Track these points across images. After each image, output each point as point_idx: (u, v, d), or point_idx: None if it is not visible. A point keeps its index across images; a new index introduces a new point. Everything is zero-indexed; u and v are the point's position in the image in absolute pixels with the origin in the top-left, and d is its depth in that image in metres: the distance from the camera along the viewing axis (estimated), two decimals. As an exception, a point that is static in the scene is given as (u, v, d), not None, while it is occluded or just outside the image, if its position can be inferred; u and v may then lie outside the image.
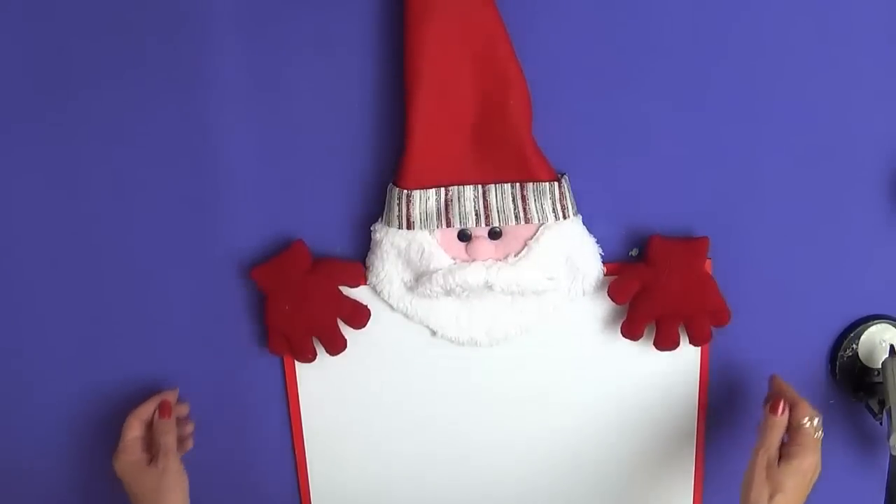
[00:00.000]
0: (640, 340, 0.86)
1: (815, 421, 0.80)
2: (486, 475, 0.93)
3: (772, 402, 0.81)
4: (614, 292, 0.83)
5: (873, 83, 0.81)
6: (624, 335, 0.85)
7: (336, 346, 0.85)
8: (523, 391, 0.90)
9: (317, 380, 0.89)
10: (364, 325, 0.85)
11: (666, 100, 0.80)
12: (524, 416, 0.91)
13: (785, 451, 0.80)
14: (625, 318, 0.85)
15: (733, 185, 0.83)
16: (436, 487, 0.94)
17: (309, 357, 0.85)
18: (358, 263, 0.84)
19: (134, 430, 0.83)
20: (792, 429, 0.80)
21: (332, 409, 0.91)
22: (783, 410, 0.80)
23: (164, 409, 0.84)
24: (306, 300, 0.83)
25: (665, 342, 0.85)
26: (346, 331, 0.86)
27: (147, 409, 0.85)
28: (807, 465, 0.78)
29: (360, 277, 0.84)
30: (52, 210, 0.84)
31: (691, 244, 0.83)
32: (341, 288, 0.84)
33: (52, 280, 0.87)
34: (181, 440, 0.86)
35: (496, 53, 0.75)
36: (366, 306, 0.85)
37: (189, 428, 0.89)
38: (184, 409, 0.89)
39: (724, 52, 0.79)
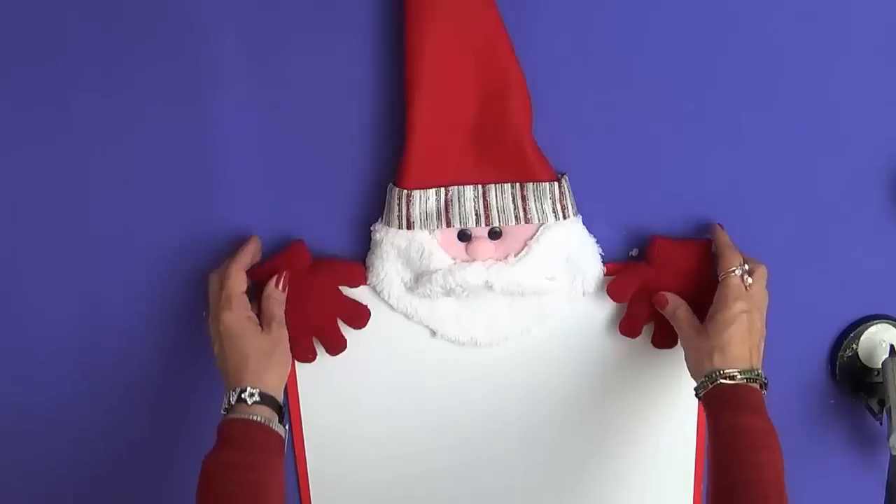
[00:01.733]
0: (639, 341, 0.87)
1: (742, 270, 0.77)
2: (486, 474, 0.93)
3: (654, 299, 0.82)
4: (613, 291, 0.83)
5: (873, 83, 0.80)
6: (622, 332, 0.85)
7: (336, 346, 0.85)
8: (523, 391, 0.90)
9: (317, 380, 0.89)
10: (364, 326, 0.85)
11: (666, 100, 0.80)
12: (524, 416, 0.91)
13: (711, 309, 0.78)
14: (623, 315, 0.85)
15: (733, 184, 0.83)
16: (436, 487, 0.94)
17: (309, 357, 0.85)
18: (358, 264, 0.84)
19: (241, 285, 0.77)
20: (719, 285, 0.78)
21: (331, 409, 0.91)
22: (667, 299, 0.81)
23: (281, 281, 0.79)
24: (306, 300, 0.83)
25: (662, 341, 0.85)
26: (346, 331, 0.86)
27: (245, 259, 0.79)
28: (735, 312, 0.75)
29: (361, 277, 0.84)
30: (51, 210, 0.84)
31: (694, 246, 0.83)
32: (341, 288, 0.84)
33: (50, 280, 0.87)
34: None
35: (496, 53, 0.75)
36: (365, 306, 0.85)
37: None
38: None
39: (724, 53, 0.79)
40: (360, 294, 0.85)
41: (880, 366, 0.87)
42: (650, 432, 0.92)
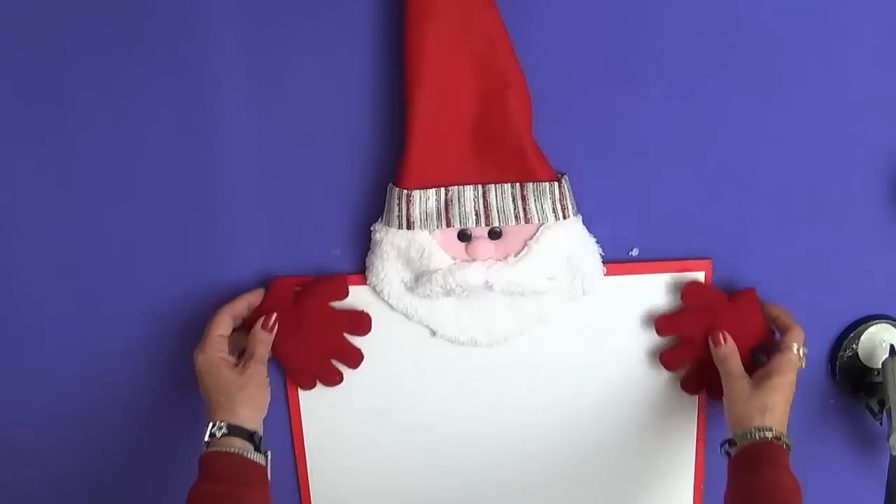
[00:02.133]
0: (639, 341, 0.87)
1: (804, 349, 0.82)
2: (487, 474, 0.93)
3: (711, 335, 0.84)
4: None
5: (873, 84, 0.81)
6: (663, 363, 0.87)
7: (353, 359, 0.87)
8: (523, 391, 0.90)
9: (317, 380, 0.89)
10: (369, 330, 0.86)
11: (666, 100, 0.80)
12: (524, 416, 0.91)
13: (766, 371, 0.81)
14: (668, 348, 0.87)
15: (733, 184, 0.83)
16: (436, 486, 0.94)
17: (336, 380, 0.87)
18: (341, 275, 0.85)
19: (223, 328, 0.81)
20: (778, 350, 0.82)
21: (331, 409, 0.91)
22: (725, 340, 0.83)
23: (267, 322, 0.82)
24: (306, 329, 0.84)
25: (692, 386, 0.88)
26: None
27: (238, 307, 0.83)
28: (787, 381, 0.80)
29: (344, 289, 0.84)
30: (49, 209, 0.84)
31: (745, 297, 0.85)
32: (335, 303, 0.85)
33: (48, 287, 0.87)
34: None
35: (496, 53, 0.75)
36: (364, 312, 0.85)
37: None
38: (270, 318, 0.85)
39: (724, 53, 0.79)
40: (360, 295, 0.85)
41: (880, 366, 0.87)
42: (651, 432, 0.92)
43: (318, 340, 0.85)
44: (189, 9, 0.78)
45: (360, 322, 0.85)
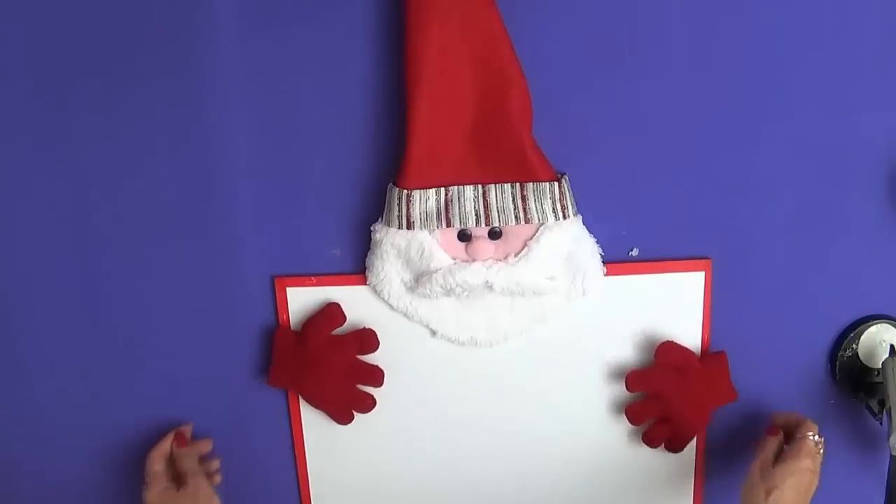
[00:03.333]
0: (639, 341, 0.87)
1: (819, 437, 0.83)
2: (486, 474, 0.93)
3: (771, 425, 0.86)
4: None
5: (873, 84, 0.81)
6: (628, 418, 0.89)
7: (375, 378, 0.88)
8: (523, 391, 0.90)
9: (317, 380, 0.89)
10: (377, 345, 0.86)
11: (666, 100, 0.80)
12: (524, 416, 0.91)
13: (783, 456, 0.82)
14: (634, 404, 0.88)
15: (733, 184, 0.83)
16: (436, 486, 0.94)
17: (369, 403, 0.88)
18: (333, 304, 0.86)
19: (157, 464, 0.86)
20: (794, 439, 0.83)
21: (332, 409, 0.91)
22: (780, 432, 0.85)
23: (178, 439, 0.87)
24: (317, 364, 0.86)
25: (653, 440, 0.89)
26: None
27: (165, 444, 0.87)
28: (803, 466, 0.81)
29: (340, 315, 0.86)
30: (50, 210, 0.84)
31: (712, 361, 0.87)
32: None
33: (48, 276, 0.87)
34: (208, 475, 0.88)
35: (496, 53, 0.75)
36: (367, 328, 0.86)
37: (214, 464, 0.91)
38: (206, 446, 0.90)
39: (724, 53, 0.79)
40: (359, 295, 0.85)
41: (880, 366, 0.87)
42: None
43: (333, 371, 0.86)
44: (189, 10, 0.78)
45: (367, 340, 0.86)
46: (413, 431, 0.91)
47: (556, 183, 0.79)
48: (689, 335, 0.87)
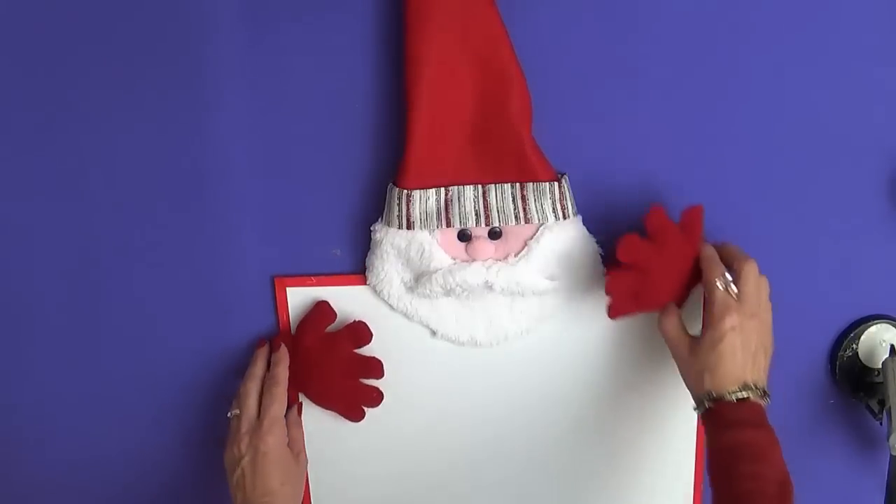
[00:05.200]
0: (639, 341, 0.87)
1: (725, 281, 0.75)
2: (487, 474, 0.93)
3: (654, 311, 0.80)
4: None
5: (873, 83, 0.81)
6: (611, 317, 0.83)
7: (374, 370, 0.86)
8: (523, 391, 0.90)
9: (317, 380, 0.89)
10: (370, 337, 0.85)
11: (666, 100, 0.80)
12: (524, 416, 0.91)
13: (703, 327, 0.76)
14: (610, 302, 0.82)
15: (733, 184, 0.83)
16: (436, 486, 0.94)
17: (375, 396, 0.87)
18: (322, 302, 0.85)
19: (283, 408, 0.80)
20: (706, 302, 0.76)
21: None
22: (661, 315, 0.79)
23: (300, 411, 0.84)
24: (318, 365, 0.85)
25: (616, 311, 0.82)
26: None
27: (282, 381, 0.82)
28: (724, 330, 0.73)
29: (330, 312, 0.85)
30: (50, 210, 0.84)
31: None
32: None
33: (49, 276, 0.87)
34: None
35: (496, 53, 0.75)
36: (358, 321, 0.86)
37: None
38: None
39: (724, 52, 0.79)
40: (360, 295, 0.85)
41: (880, 366, 0.87)
42: (650, 433, 0.92)
43: (332, 368, 0.86)
44: (189, 10, 0.78)
45: (360, 333, 0.86)
46: (413, 431, 0.91)
47: (556, 183, 0.79)
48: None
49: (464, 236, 0.81)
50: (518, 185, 0.79)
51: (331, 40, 0.79)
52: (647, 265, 0.80)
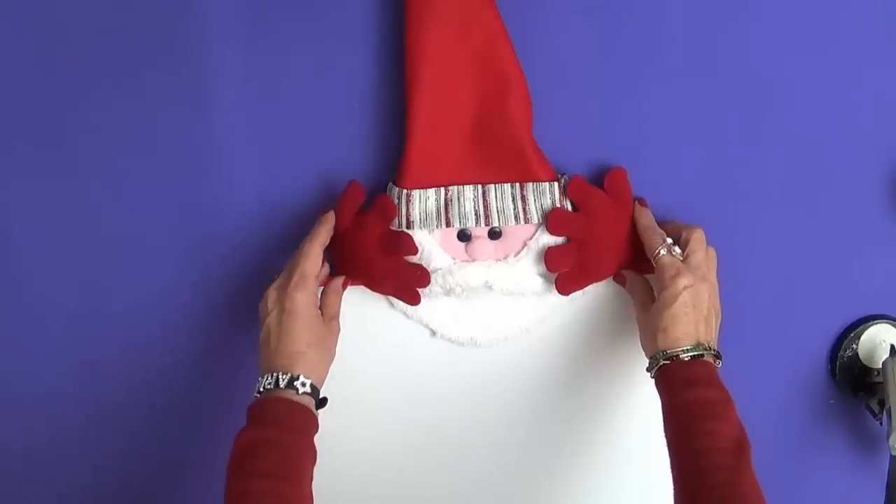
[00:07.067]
0: (639, 341, 0.87)
1: (668, 247, 0.76)
2: (486, 474, 0.93)
3: (616, 276, 0.81)
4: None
5: (873, 83, 0.81)
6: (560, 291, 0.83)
7: (407, 245, 0.80)
8: (523, 391, 0.90)
9: (317, 380, 0.89)
10: (395, 210, 0.79)
11: (666, 100, 0.80)
12: (524, 416, 0.91)
13: (655, 290, 0.76)
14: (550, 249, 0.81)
15: (733, 184, 0.83)
16: (435, 486, 0.94)
17: (420, 274, 0.80)
18: (352, 182, 0.81)
19: (318, 266, 0.76)
20: (654, 264, 0.76)
21: (330, 408, 0.90)
22: (623, 278, 0.80)
23: (346, 283, 0.81)
24: (360, 248, 0.81)
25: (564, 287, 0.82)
26: (345, 327, 0.86)
27: (323, 239, 0.78)
28: (675, 291, 0.73)
29: (358, 189, 0.81)
30: (52, 210, 0.84)
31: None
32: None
33: (49, 277, 0.87)
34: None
35: (496, 53, 0.75)
36: (403, 232, 0.80)
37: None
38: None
39: (724, 53, 0.79)
40: (360, 294, 0.85)
41: (880, 366, 0.87)
42: (650, 432, 0.92)
43: (372, 247, 0.80)
44: (189, 10, 0.78)
45: (385, 207, 0.79)
46: (413, 431, 0.91)
47: (556, 183, 0.79)
48: (689, 335, 0.87)
49: (463, 236, 0.81)
50: (518, 185, 0.79)
51: (331, 40, 0.79)
52: (581, 235, 0.80)
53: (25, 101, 0.81)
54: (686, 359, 0.72)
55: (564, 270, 0.81)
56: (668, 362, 0.73)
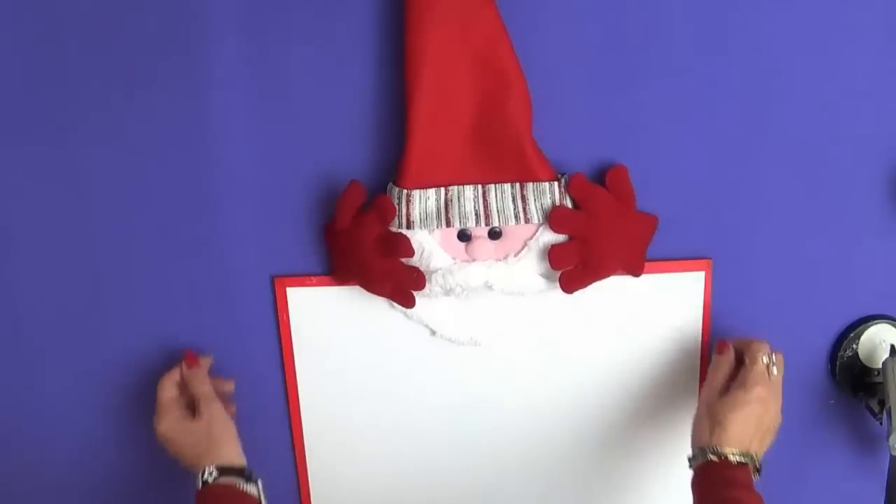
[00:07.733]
0: (639, 339, 0.87)
1: (769, 357, 0.80)
2: (487, 473, 0.93)
3: (718, 343, 0.82)
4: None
5: (873, 83, 0.80)
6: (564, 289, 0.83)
7: (403, 248, 0.80)
8: (522, 391, 0.90)
9: (316, 379, 0.89)
10: (394, 211, 0.79)
11: (666, 100, 0.80)
12: (524, 415, 0.91)
13: (732, 385, 0.79)
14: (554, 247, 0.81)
15: (734, 184, 0.83)
16: (435, 485, 0.94)
17: (415, 275, 0.81)
18: (352, 181, 0.81)
19: (168, 391, 0.82)
20: (744, 367, 0.79)
21: (331, 409, 0.91)
22: (728, 349, 0.82)
23: (189, 360, 0.83)
24: (356, 248, 0.81)
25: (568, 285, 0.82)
26: (344, 328, 0.86)
27: (176, 372, 0.84)
28: (752, 397, 0.76)
29: (358, 187, 0.81)
30: (51, 210, 0.85)
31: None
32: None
33: (50, 277, 0.87)
34: (224, 402, 0.84)
35: (496, 53, 0.75)
36: (400, 234, 0.80)
37: (230, 386, 0.87)
38: (229, 386, 0.87)
39: (724, 53, 0.79)
40: (360, 294, 0.85)
41: (880, 366, 0.87)
42: (650, 432, 0.92)
43: (368, 248, 0.80)
44: (189, 10, 0.78)
45: (384, 207, 0.79)
46: (413, 431, 0.92)
47: (556, 183, 0.79)
48: (690, 335, 0.87)
49: (463, 236, 0.81)
50: (518, 185, 0.79)
51: (331, 41, 0.79)
52: (584, 233, 0.80)
53: (25, 100, 0.81)
54: (734, 462, 0.74)
55: (568, 269, 0.81)
56: (715, 458, 0.74)
